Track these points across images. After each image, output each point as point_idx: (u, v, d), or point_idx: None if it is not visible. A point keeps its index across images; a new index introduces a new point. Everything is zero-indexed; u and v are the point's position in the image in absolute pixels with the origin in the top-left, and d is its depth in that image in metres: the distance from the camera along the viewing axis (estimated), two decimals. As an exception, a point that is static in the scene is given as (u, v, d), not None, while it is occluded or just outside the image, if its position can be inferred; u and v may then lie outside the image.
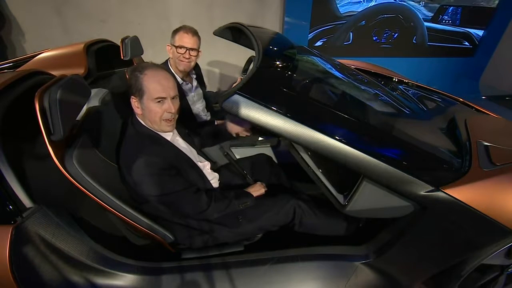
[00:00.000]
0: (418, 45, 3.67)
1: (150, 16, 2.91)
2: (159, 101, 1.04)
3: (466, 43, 3.76)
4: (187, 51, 1.56)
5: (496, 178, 1.01)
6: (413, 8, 3.44)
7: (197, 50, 1.61)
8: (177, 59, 1.59)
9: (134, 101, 1.07)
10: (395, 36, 3.59)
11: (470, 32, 3.69)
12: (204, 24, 2.90)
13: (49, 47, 1.73)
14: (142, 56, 1.93)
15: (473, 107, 1.74)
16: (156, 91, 1.02)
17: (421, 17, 3.51)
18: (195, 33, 1.60)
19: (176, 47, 1.56)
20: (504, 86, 3.82)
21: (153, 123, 1.08)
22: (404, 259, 1.13)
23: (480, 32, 3.70)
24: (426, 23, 3.57)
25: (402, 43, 3.63)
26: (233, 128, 1.42)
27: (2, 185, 0.84)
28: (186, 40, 1.56)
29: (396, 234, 1.09)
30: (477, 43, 3.76)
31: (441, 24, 3.60)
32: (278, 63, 1.09)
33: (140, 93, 1.03)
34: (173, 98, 1.07)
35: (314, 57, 1.56)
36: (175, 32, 1.59)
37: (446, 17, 3.58)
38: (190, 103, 1.71)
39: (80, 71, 1.44)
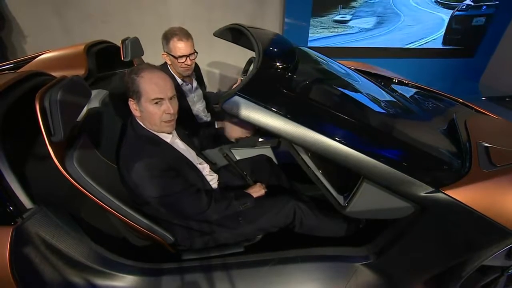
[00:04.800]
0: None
1: (151, 17, 2.92)
2: (156, 102, 1.03)
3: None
4: (187, 58, 1.52)
5: (496, 179, 1.01)
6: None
7: (195, 52, 1.56)
8: (179, 68, 1.55)
9: (132, 104, 1.07)
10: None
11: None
12: (204, 24, 2.92)
13: (50, 48, 1.73)
14: (142, 57, 1.93)
15: (473, 107, 1.74)
16: (153, 92, 1.02)
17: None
18: (187, 35, 1.51)
19: (175, 57, 1.50)
20: (504, 87, 3.82)
21: (152, 125, 1.08)
22: (404, 260, 1.13)
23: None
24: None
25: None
26: (233, 133, 1.34)
27: (2, 186, 0.84)
28: (182, 47, 1.49)
29: (396, 235, 1.09)
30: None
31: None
32: (278, 64, 1.09)
33: (137, 95, 1.03)
34: (171, 98, 1.06)
35: (315, 58, 1.57)
36: (167, 39, 1.50)
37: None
38: (190, 103, 1.71)
39: (81, 72, 1.44)
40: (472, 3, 3.45)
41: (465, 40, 3.64)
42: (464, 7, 3.45)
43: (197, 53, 1.58)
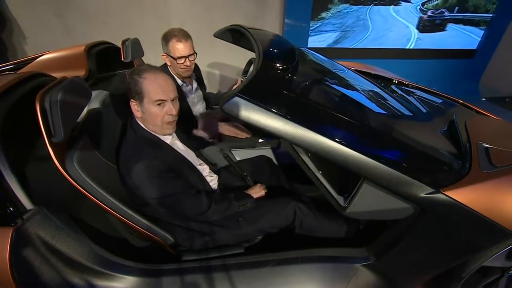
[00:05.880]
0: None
1: (151, 18, 2.92)
2: (159, 104, 1.04)
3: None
4: (186, 59, 1.52)
5: (496, 180, 1.01)
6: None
7: (194, 53, 1.56)
8: (178, 69, 1.56)
9: (133, 104, 1.07)
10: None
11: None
12: (204, 25, 2.92)
13: (51, 49, 1.74)
14: (142, 58, 1.93)
15: (473, 108, 1.74)
16: (156, 94, 1.02)
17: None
18: (186, 36, 1.51)
19: (174, 58, 1.51)
20: (503, 87, 3.83)
21: (154, 126, 1.08)
22: (404, 261, 1.13)
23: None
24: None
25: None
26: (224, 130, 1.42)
27: (2, 187, 0.84)
28: (181, 48, 1.49)
29: (396, 236, 1.09)
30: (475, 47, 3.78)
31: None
32: (278, 65, 1.09)
33: (139, 96, 1.03)
34: (173, 100, 1.07)
35: (315, 59, 1.57)
36: (166, 41, 1.51)
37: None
38: (190, 104, 1.71)
39: (81, 73, 1.45)
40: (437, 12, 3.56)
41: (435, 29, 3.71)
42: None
43: (196, 54, 1.58)
